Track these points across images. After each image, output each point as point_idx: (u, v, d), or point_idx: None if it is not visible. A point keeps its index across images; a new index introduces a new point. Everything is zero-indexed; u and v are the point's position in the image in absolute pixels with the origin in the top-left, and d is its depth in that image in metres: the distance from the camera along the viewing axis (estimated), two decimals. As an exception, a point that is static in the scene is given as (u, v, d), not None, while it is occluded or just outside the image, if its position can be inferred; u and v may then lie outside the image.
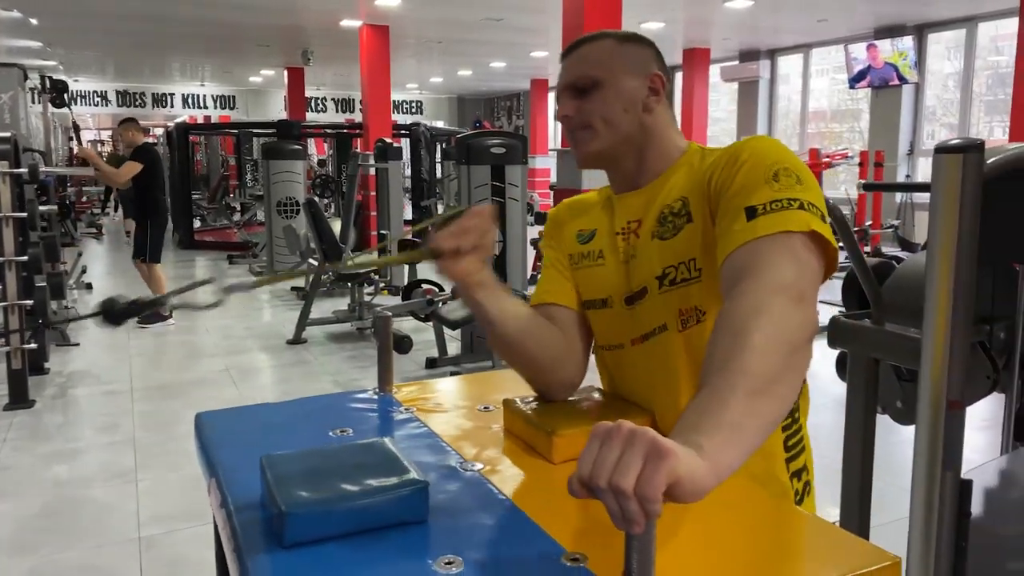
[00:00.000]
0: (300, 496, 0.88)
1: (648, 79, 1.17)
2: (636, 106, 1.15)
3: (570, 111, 1.17)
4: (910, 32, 10.36)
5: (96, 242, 11.92)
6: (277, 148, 9.19)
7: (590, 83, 1.15)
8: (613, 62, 1.16)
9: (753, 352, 0.82)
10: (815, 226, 0.97)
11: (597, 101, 1.15)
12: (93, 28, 11.11)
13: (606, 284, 1.20)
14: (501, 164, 5.25)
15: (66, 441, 3.86)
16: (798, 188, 1.00)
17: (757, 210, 0.98)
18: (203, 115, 20.10)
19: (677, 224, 1.11)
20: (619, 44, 1.17)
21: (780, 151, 1.05)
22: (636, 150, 1.18)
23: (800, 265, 0.94)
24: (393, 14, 9.84)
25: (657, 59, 1.20)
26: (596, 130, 1.16)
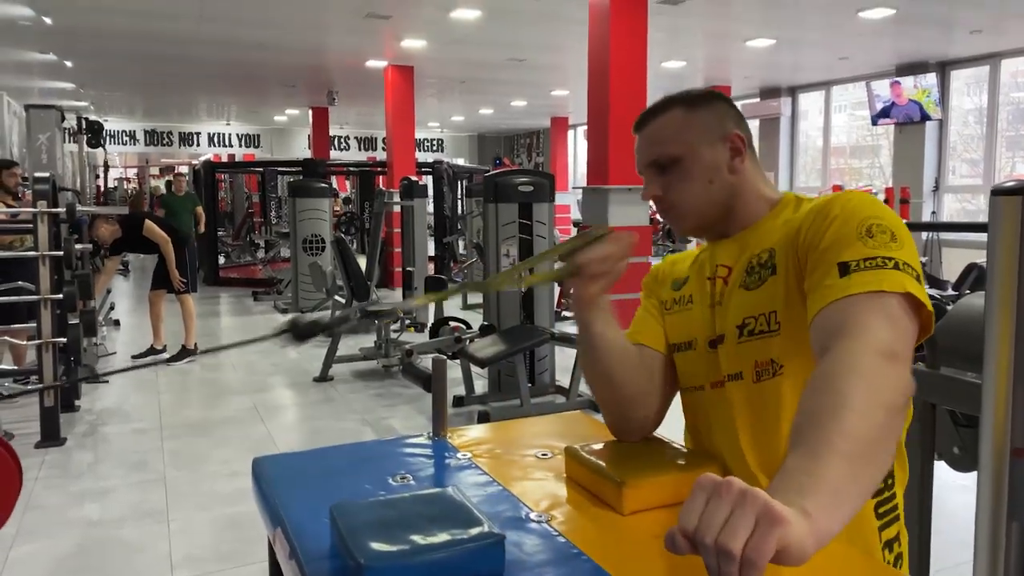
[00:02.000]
0: (376, 549, 0.86)
1: (727, 141, 1.16)
2: (720, 173, 1.16)
3: (657, 191, 1.18)
4: (932, 69, 10.38)
5: (122, 278, 12.06)
6: (304, 186, 9.31)
7: (669, 161, 1.16)
8: (688, 135, 1.15)
9: (853, 413, 0.80)
10: (910, 287, 0.94)
11: (680, 178, 1.16)
12: (123, 70, 11.39)
13: (692, 327, 1.21)
14: (528, 202, 5.28)
15: (97, 479, 3.86)
16: (892, 246, 0.98)
17: (850, 266, 0.96)
18: (227, 153, 20.45)
19: (762, 276, 1.10)
20: (689, 113, 1.16)
21: (874, 206, 1.03)
22: (726, 209, 1.18)
23: (896, 326, 0.92)
24: (418, 55, 10.01)
25: (731, 115, 1.18)
26: (685, 211, 1.18)
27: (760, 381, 1.09)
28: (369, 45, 9.58)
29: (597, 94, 6.00)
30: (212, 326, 8.13)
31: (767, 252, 1.11)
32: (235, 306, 9.50)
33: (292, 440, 4.49)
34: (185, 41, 9.19)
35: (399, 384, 5.63)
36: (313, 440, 4.47)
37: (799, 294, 1.04)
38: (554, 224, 5.60)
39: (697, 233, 1.22)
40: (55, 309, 4.44)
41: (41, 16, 7.69)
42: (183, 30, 8.59)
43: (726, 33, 9.14)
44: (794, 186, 13.24)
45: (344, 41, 9.35)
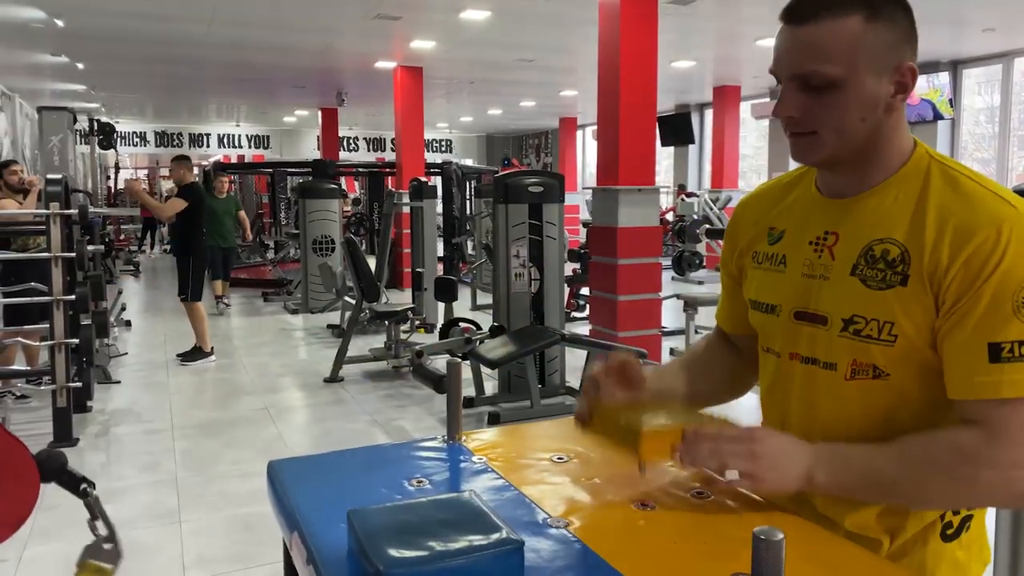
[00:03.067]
0: (395, 555, 0.86)
1: (897, 74, 0.97)
2: (877, 110, 0.97)
3: (795, 111, 0.98)
4: (945, 68, 10.32)
5: (133, 280, 12.12)
6: (313, 187, 9.33)
7: (825, 83, 0.96)
8: (859, 55, 0.94)
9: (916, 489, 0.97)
10: None
11: (831, 106, 0.96)
12: (135, 72, 11.45)
13: (779, 292, 1.10)
14: (539, 203, 5.27)
15: (109, 480, 3.87)
16: None
17: (1002, 352, 0.89)
18: (237, 154, 20.53)
19: (888, 279, 0.97)
20: (869, 25, 0.94)
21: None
22: (861, 157, 1.01)
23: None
24: (427, 56, 10.02)
25: (910, 37, 0.98)
26: (824, 140, 0.99)
27: (854, 379, 1.02)
28: (378, 46, 9.59)
29: (607, 94, 5.98)
30: (223, 327, 8.15)
31: (897, 248, 0.97)
32: (245, 307, 9.53)
33: (303, 441, 4.50)
34: (196, 43, 9.23)
35: (409, 385, 5.63)
36: (324, 441, 4.48)
37: (923, 317, 0.95)
38: (563, 225, 5.60)
39: (824, 166, 1.04)
40: (67, 310, 4.46)
41: (53, 19, 7.74)
42: (194, 33, 8.62)
43: (736, 33, 9.11)
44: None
45: (353, 42, 9.37)
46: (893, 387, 1.00)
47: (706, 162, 14.41)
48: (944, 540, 1.04)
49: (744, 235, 1.19)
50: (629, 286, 5.90)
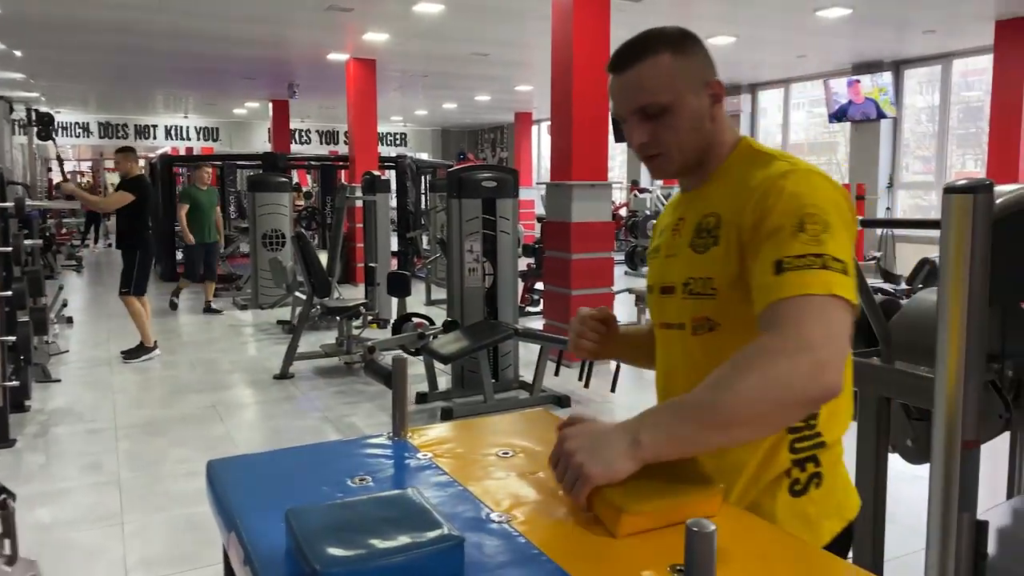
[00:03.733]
0: (332, 554, 0.85)
1: (709, 88, 1.19)
2: (702, 121, 1.19)
3: (644, 137, 1.19)
4: (887, 68, 10.59)
5: (76, 275, 11.77)
6: (263, 180, 9.16)
7: (659, 110, 1.17)
8: (677, 83, 1.16)
9: (734, 395, 0.97)
10: (835, 288, 1.01)
11: (668, 127, 1.18)
12: (76, 61, 11.09)
13: (652, 274, 1.32)
14: (492, 198, 5.26)
15: (49, 482, 3.75)
16: (823, 237, 1.03)
17: (783, 265, 1.03)
18: (185, 147, 20.04)
19: (707, 243, 1.17)
20: (677, 59, 1.17)
21: (813, 192, 1.08)
22: (700, 159, 1.22)
23: (819, 327, 0.98)
24: (380, 48, 9.92)
25: (709, 60, 1.21)
26: (671, 157, 1.20)
27: (697, 334, 1.19)
28: (331, 38, 9.46)
29: (560, 90, 6.00)
30: (170, 323, 7.97)
31: (714, 218, 1.17)
32: (193, 303, 9.31)
33: (252, 439, 4.42)
34: (139, 31, 8.97)
35: (361, 381, 5.58)
36: (273, 439, 4.41)
37: (737, 267, 1.12)
38: (518, 220, 5.60)
39: (678, 176, 1.26)
40: (3, 307, 4.30)
41: (-12, 4, 7.45)
42: (137, 20, 8.38)
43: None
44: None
45: (305, 34, 9.22)
46: (725, 336, 1.16)
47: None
48: (793, 495, 1.16)
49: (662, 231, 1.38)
50: (582, 280, 5.94)
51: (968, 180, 1.56)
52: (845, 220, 1.08)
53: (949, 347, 1.57)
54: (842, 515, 1.20)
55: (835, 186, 1.12)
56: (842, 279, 1.02)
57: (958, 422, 1.58)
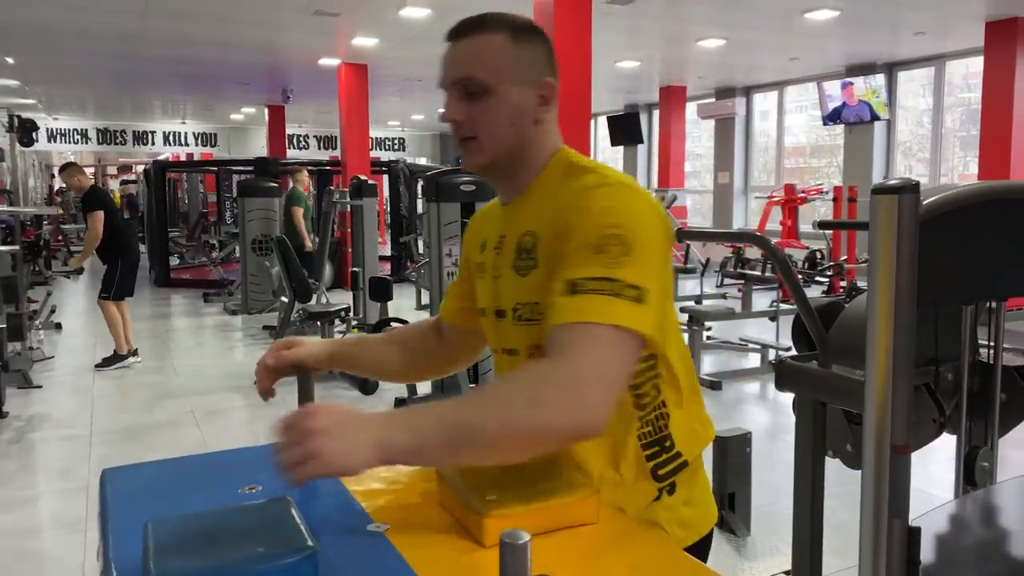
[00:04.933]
0: (175, 566, 0.83)
1: (538, 88, 1.12)
2: (524, 118, 1.12)
3: (457, 115, 1.12)
4: (880, 70, 10.55)
5: (70, 280, 11.77)
6: (252, 186, 9.17)
7: (479, 89, 1.10)
8: (506, 68, 1.10)
9: (497, 420, 0.92)
10: (622, 319, 0.95)
11: (485, 111, 1.10)
12: (71, 67, 11.13)
13: (483, 296, 1.24)
14: (471, 201, 5.23)
15: (18, 488, 3.74)
16: (622, 260, 0.97)
17: (575, 287, 0.98)
18: (185, 152, 20.09)
19: (527, 265, 1.12)
20: (514, 43, 1.10)
21: (619, 209, 1.02)
22: (514, 162, 1.15)
23: (601, 363, 0.94)
24: (371, 53, 9.92)
25: (549, 60, 1.14)
26: (482, 143, 1.12)
27: (532, 359, 1.15)
28: (321, 42, 9.47)
29: (542, 93, 5.98)
30: (160, 328, 7.96)
31: (531, 237, 1.12)
32: (185, 308, 9.33)
33: (225, 444, 4.37)
34: (133, 37, 8.99)
35: (341, 387, 5.55)
36: (247, 444, 4.39)
37: None
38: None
39: (487, 173, 1.17)
40: (-22, 313, 4.30)
41: (-24, 11, 7.47)
42: (129, 25, 8.40)
43: (678, 33, 9.20)
44: (749, 185, 13.38)
45: (295, 38, 9.22)
46: None
47: (655, 162, 14.54)
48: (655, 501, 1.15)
49: (470, 245, 1.33)
50: None
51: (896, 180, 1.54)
52: (653, 241, 1.02)
53: (877, 350, 1.53)
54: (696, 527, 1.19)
55: (648, 202, 1.05)
56: (633, 308, 0.96)
57: (887, 425, 1.55)
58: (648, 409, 1.13)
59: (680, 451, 1.15)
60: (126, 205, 17.67)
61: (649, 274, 0.99)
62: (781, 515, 2.98)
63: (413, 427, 0.93)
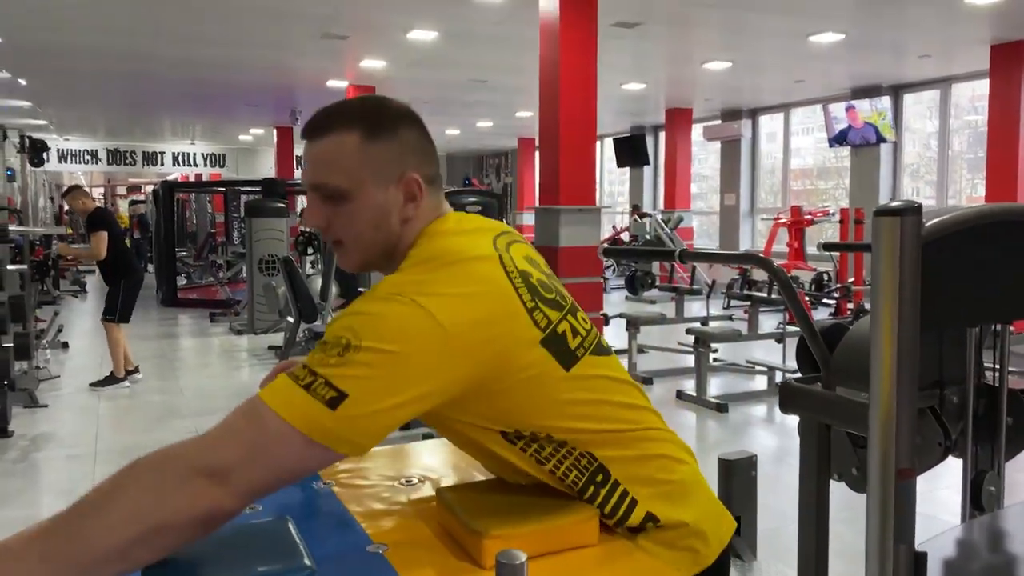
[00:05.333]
0: (172, 586, 0.82)
1: (403, 186, 1.06)
2: (388, 219, 1.06)
3: (319, 222, 1.07)
4: (886, 92, 10.59)
5: (78, 300, 11.83)
6: (259, 206, 9.22)
7: (336, 195, 1.04)
8: (361, 170, 1.03)
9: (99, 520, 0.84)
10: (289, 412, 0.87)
11: (346, 216, 1.05)
12: (82, 88, 11.25)
13: None
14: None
15: (21, 508, 3.74)
16: (332, 361, 0.89)
17: (295, 371, 0.92)
18: (194, 173, 20.24)
19: None
20: (369, 142, 1.04)
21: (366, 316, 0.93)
22: (388, 257, 1.10)
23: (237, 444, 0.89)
24: (379, 76, 10.02)
25: (416, 149, 1.08)
26: (348, 249, 1.09)
27: None
28: (329, 65, 9.56)
29: (548, 116, 6.02)
30: (166, 348, 7.98)
31: None
32: (191, 328, 9.35)
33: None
34: (143, 59, 9.11)
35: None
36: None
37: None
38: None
39: (365, 270, 1.15)
40: (-14, 331, 4.32)
41: (-10, 34, 7.58)
42: (139, 48, 8.51)
43: (684, 56, 9.26)
44: (755, 207, 13.38)
45: (304, 61, 9.32)
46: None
47: (661, 183, 14.59)
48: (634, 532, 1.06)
49: None
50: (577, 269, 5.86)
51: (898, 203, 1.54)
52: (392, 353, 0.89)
53: (881, 372, 1.53)
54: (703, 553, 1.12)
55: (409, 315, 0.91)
56: (315, 410, 0.87)
57: (891, 449, 1.55)
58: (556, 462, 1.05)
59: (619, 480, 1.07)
60: (137, 225, 17.79)
61: (363, 382, 0.88)
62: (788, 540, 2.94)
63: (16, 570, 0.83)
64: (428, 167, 1.09)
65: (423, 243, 1.06)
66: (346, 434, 0.89)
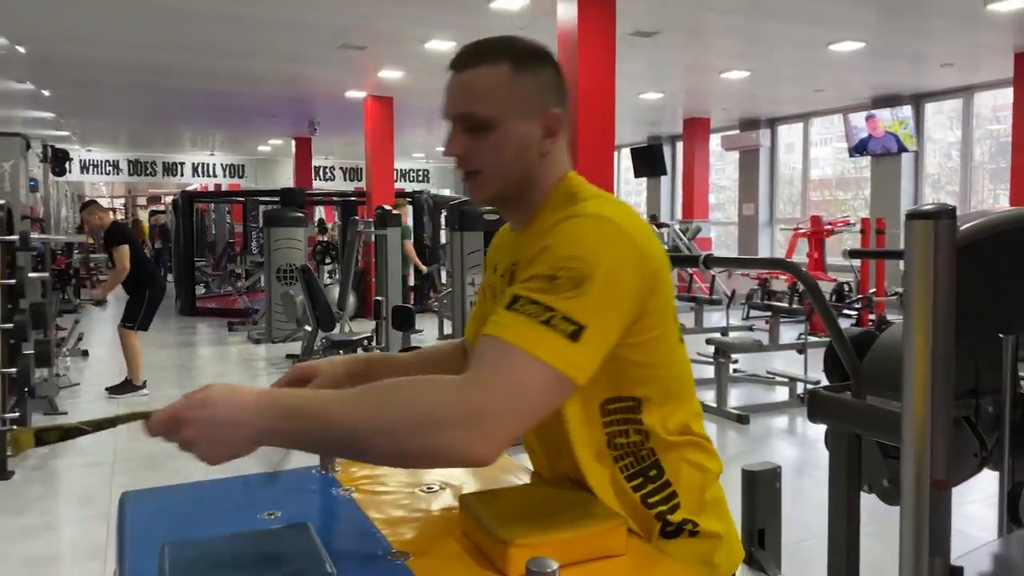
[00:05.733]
0: (190, 593, 0.80)
1: (543, 119, 1.09)
2: (528, 152, 1.08)
3: (458, 150, 1.09)
4: (907, 102, 10.49)
5: (98, 309, 11.92)
6: (278, 216, 9.27)
7: (481, 124, 1.07)
8: (508, 101, 1.06)
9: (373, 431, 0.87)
10: (544, 352, 0.88)
11: (488, 146, 1.07)
12: (102, 99, 11.38)
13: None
14: (494, 231, 5.23)
15: (40, 515, 3.74)
16: (569, 293, 0.91)
17: (515, 302, 0.93)
18: (213, 183, 20.40)
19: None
20: (517, 74, 1.07)
21: (586, 240, 0.96)
22: (520, 193, 1.12)
23: (513, 396, 0.88)
24: (397, 86, 10.05)
25: (555, 88, 1.11)
26: (485, 177, 1.10)
27: None
28: (348, 75, 9.61)
29: (566, 124, 6.00)
30: (184, 357, 8.01)
31: (512, 268, 1.11)
32: (209, 337, 9.39)
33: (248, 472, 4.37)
34: (163, 71, 9.20)
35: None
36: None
37: None
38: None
39: (493, 204, 1.15)
40: (7, 339, 4.35)
41: (14, 45, 7.68)
42: (160, 60, 8.59)
43: (702, 65, 9.22)
44: (774, 218, 13.29)
45: (322, 72, 9.38)
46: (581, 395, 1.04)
47: (678, 193, 14.52)
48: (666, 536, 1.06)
49: (488, 267, 1.30)
50: None
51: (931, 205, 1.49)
52: (617, 279, 0.94)
53: (914, 380, 1.49)
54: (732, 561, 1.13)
55: (625, 238, 0.97)
56: (561, 345, 0.89)
57: (926, 460, 1.50)
58: (624, 449, 1.07)
59: (670, 480, 1.08)
60: (159, 235, 17.95)
61: (598, 312, 0.92)
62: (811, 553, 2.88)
63: (297, 417, 0.89)
64: (564, 107, 1.11)
65: (577, 185, 1.10)
66: (588, 365, 0.91)
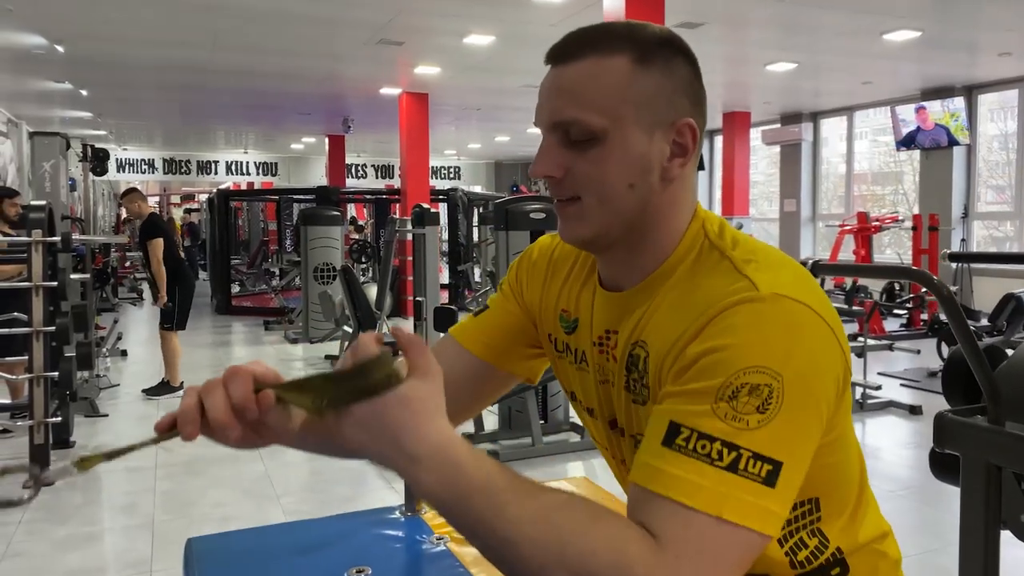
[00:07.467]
0: None
1: (674, 131, 0.79)
2: (649, 176, 0.79)
3: (554, 169, 0.80)
4: (959, 93, 10.12)
5: (135, 307, 11.98)
6: (315, 214, 9.19)
7: (586, 135, 0.78)
8: (623, 105, 0.77)
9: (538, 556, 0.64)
10: (730, 511, 0.65)
11: (594, 165, 0.78)
12: (139, 98, 11.42)
13: (590, 396, 0.92)
14: (540, 229, 5.07)
15: (83, 524, 3.66)
16: (753, 420, 0.67)
17: (676, 438, 0.68)
18: (246, 181, 20.51)
19: (640, 392, 0.82)
20: (640, 69, 0.78)
21: (773, 343, 0.70)
22: (632, 237, 0.82)
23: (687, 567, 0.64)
24: (433, 82, 9.93)
25: (690, 89, 0.81)
26: (587, 208, 0.80)
27: None
28: (383, 72, 9.50)
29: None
30: (221, 356, 7.96)
31: (643, 351, 0.80)
32: (246, 336, 9.35)
33: (290, 480, 4.26)
34: (199, 70, 9.17)
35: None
36: (312, 481, 4.25)
37: None
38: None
39: (593, 248, 0.86)
40: (49, 341, 4.28)
41: (54, 45, 7.67)
42: (197, 58, 8.55)
43: (745, 58, 8.96)
44: (816, 214, 12.95)
45: (358, 68, 9.28)
46: None
47: (717, 188, 14.24)
48: None
49: (531, 292, 0.99)
50: None
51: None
52: (813, 390, 0.70)
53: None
54: None
55: (819, 331, 0.72)
56: (756, 494, 0.66)
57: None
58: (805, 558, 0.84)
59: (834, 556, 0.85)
60: (187, 232, 18.06)
61: (794, 440, 0.69)
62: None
63: (455, 487, 0.65)
64: (702, 117, 0.82)
65: (721, 234, 0.82)
66: (785, 511, 0.69)
